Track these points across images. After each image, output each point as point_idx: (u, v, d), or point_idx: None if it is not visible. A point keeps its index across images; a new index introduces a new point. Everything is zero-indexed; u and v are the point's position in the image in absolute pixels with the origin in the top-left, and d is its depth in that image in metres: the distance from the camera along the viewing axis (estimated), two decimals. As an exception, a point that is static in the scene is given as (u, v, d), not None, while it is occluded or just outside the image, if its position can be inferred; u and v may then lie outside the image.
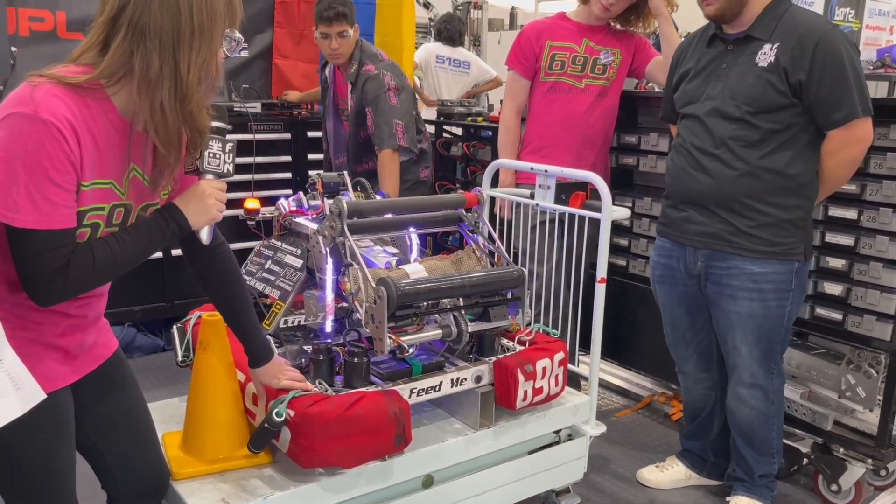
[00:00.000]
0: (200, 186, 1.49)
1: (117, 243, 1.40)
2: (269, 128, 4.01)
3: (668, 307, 2.62)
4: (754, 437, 2.48)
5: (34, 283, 1.32)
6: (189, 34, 1.35)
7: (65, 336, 1.48)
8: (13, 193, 1.25)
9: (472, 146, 3.95)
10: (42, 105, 1.26)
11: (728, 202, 2.32)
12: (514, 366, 2.05)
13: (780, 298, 2.33)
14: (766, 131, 2.25)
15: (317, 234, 2.08)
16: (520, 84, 3.13)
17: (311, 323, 2.14)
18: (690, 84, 2.44)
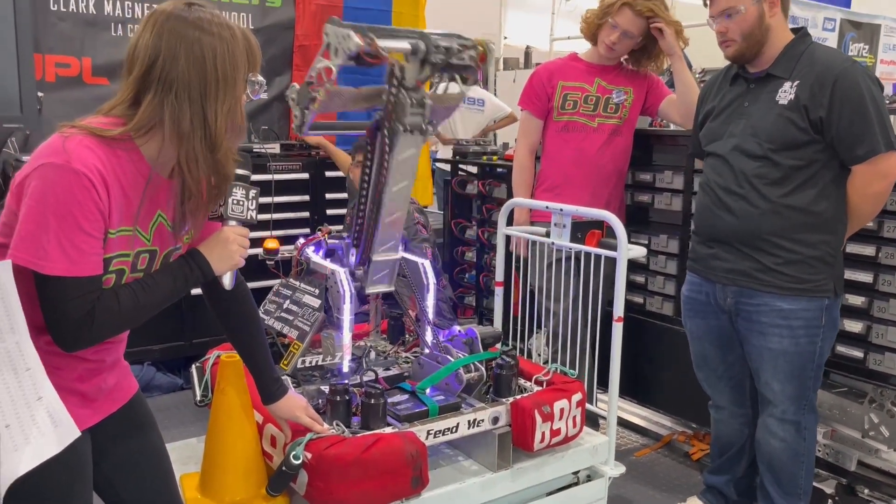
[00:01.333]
0: (224, 233, 1.53)
1: (142, 289, 1.42)
2: (287, 168, 4.07)
3: (698, 341, 2.61)
4: (781, 473, 2.44)
5: (61, 328, 1.34)
6: (215, 85, 1.40)
7: (82, 380, 1.49)
8: (43, 242, 1.28)
9: (488, 184, 3.98)
10: (74, 155, 1.31)
11: (753, 240, 2.32)
12: (532, 407, 2.04)
13: (810, 335, 2.31)
14: (789, 168, 2.25)
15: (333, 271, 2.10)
16: (533, 123, 3.16)
17: (328, 363, 2.15)
18: (714, 122, 2.46)
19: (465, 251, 4.23)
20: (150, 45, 1.38)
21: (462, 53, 1.87)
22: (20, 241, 1.29)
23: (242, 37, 1.47)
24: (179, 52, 1.38)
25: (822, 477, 2.74)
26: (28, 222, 1.29)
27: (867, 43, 7.32)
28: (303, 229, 4.06)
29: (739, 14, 2.28)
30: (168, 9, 1.41)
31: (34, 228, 1.28)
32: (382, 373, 2.22)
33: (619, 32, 2.95)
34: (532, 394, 2.15)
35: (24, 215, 1.29)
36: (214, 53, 1.40)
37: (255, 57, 1.49)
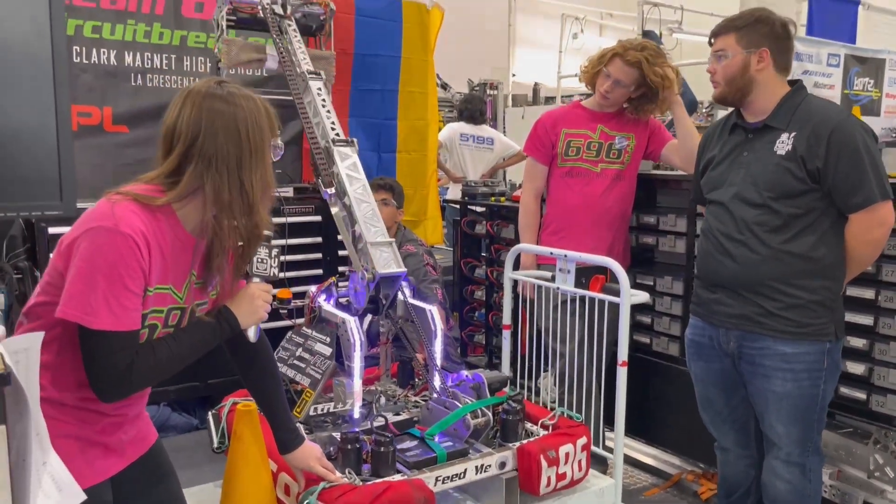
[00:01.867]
0: (250, 289, 1.64)
1: (176, 343, 1.53)
2: (300, 210, 4.17)
3: (703, 384, 2.64)
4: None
5: (103, 380, 1.44)
6: (248, 155, 1.53)
7: (105, 433, 1.58)
8: (91, 299, 1.39)
9: (496, 225, 4.06)
10: (121, 220, 1.42)
11: (754, 285, 2.37)
12: (537, 452, 2.09)
13: (812, 378, 2.35)
14: (788, 216, 2.31)
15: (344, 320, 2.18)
16: (538, 169, 3.25)
17: (339, 410, 2.22)
18: (715, 171, 2.52)
19: (474, 290, 4.29)
20: (192, 122, 1.50)
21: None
22: (69, 298, 1.41)
23: (263, 106, 1.59)
24: (218, 128, 1.50)
25: (830, 518, 2.76)
26: (78, 281, 1.40)
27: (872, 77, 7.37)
28: (315, 270, 4.15)
29: (727, 59, 2.37)
30: (203, 89, 1.54)
31: (83, 287, 1.39)
32: (392, 418, 2.28)
33: (611, 81, 3.07)
34: (538, 438, 2.20)
35: (74, 275, 1.41)
36: (247, 126, 1.52)
37: (274, 123, 1.61)
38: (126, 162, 4.05)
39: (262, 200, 1.56)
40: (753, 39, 2.35)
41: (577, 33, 8.15)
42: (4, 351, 1.07)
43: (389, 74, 4.75)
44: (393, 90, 4.77)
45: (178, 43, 4.18)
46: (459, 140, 6.10)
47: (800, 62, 5.25)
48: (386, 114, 4.84)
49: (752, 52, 2.35)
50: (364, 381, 2.22)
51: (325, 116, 2.68)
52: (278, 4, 3.30)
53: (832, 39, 7.02)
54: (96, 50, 3.96)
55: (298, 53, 3.05)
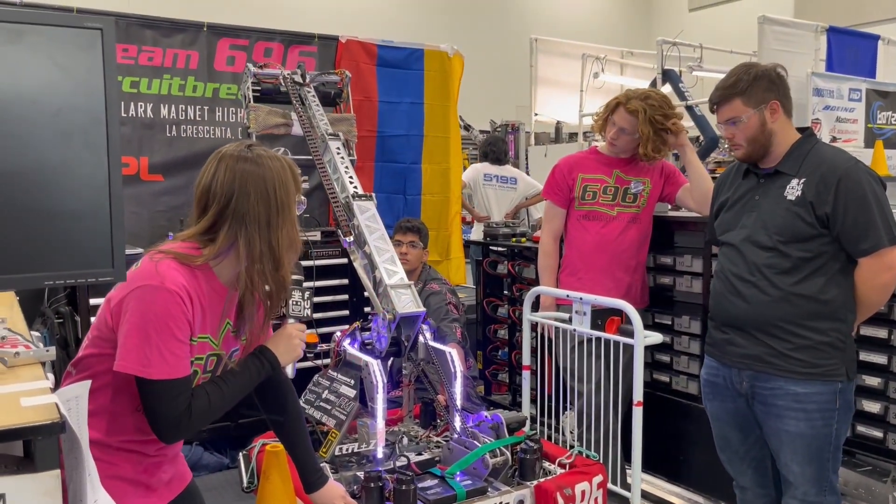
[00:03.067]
0: (287, 330, 1.78)
1: (225, 384, 1.66)
2: (327, 254, 4.30)
3: (718, 423, 2.67)
4: None
5: (164, 423, 1.57)
6: (276, 213, 1.66)
7: (145, 472, 1.70)
8: (147, 352, 1.53)
9: (517, 265, 4.16)
10: (167, 278, 1.56)
11: (765, 326, 2.41)
12: (554, 489, 2.16)
13: (825, 418, 2.37)
14: (798, 259, 2.37)
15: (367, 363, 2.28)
16: (556, 212, 3.36)
17: (363, 450, 2.31)
18: (727, 214, 2.59)
19: (497, 329, 4.38)
20: (226, 184, 1.65)
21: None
22: (126, 352, 1.54)
23: (288, 165, 1.73)
24: (249, 189, 1.64)
25: (851, 556, 2.77)
26: (132, 337, 1.54)
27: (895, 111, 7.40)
28: (342, 311, 4.27)
29: (742, 123, 2.44)
30: (235, 152, 1.68)
31: (138, 342, 1.53)
32: (414, 458, 2.36)
33: (616, 129, 3.20)
34: (555, 476, 2.27)
35: (128, 331, 1.54)
36: (275, 186, 1.66)
37: (298, 181, 1.75)
38: (161, 209, 4.25)
39: (287, 254, 1.69)
40: (760, 97, 2.42)
41: (597, 72, 8.27)
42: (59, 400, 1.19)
43: (413, 120, 4.92)
44: (418, 135, 4.94)
45: (210, 95, 4.39)
46: (483, 180, 6.24)
47: (821, 97, 5.31)
48: (411, 158, 5.01)
49: (763, 108, 2.42)
50: (387, 422, 2.32)
51: (344, 172, 2.83)
52: (297, 74, 3.52)
53: (852, 74, 7.08)
54: (134, 103, 4.18)
55: (317, 117, 3.26)
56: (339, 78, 3.98)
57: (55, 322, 3.57)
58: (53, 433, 1.09)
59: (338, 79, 3.97)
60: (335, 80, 3.96)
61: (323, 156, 3.01)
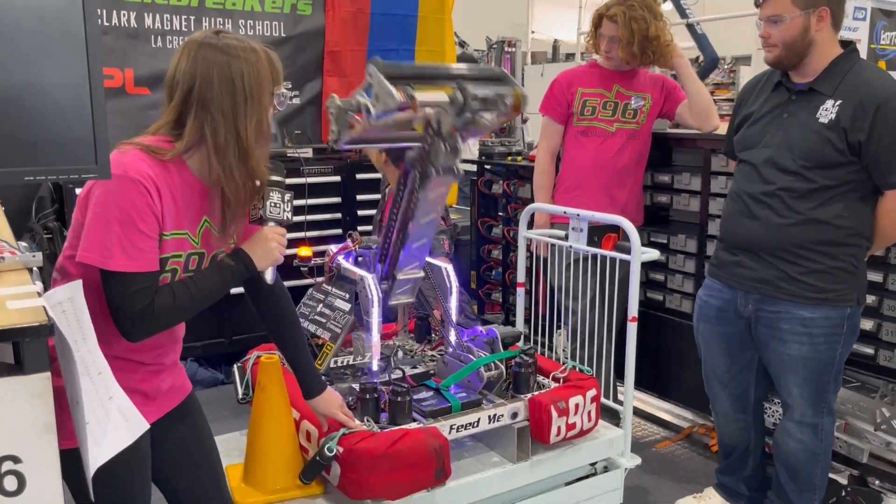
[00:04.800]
0: (264, 232, 1.70)
1: (194, 283, 1.61)
2: (319, 171, 4.23)
3: (709, 346, 2.66)
4: (798, 472, 2.51)
5: (125, 319, 1.53)
6: (243, 102, 1.58)
7: (144, 381, 1.68)
8: (107, 242, 1.48)
9: (513, 184, 4.11)
10: (130, 167, 1.50)
11: (778, 250, 2.35)
12: (548, 403, 2.18)
13: (830, 342, 2.35)
14: (820, 186, 2.27)
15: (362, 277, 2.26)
16: (553, 128, 3.28)
17: (359, 362, 2.31)
18: (751, 129, 2.45)
19: (491, 249, 4.36)
20: (188, 71, 1.57)
21: (497, 104, 1.93)
22: (88, 243, 1.49)
23: (266, 56, 1.64)
24: (213, 76, 1.56)
25: (836, 469, 2.83)
26: (93, 227, 1.49)
27: (900, 31, 7.23)
28: (335, 230, 4.23)
29: (784, 22, 2.26)
30: (199, 38, 1.59)
31: (99, 232, 1.48)
32: (409, 371, 2.38)
33: (606, 40, 3.13)
34: (549, 390, 2.29)
35: (90, 221, 1.50)
36: (242, 73, 1.57)
37: (278, 73, 1.66)
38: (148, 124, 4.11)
39: (258, 146, 1.60)
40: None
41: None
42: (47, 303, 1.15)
43: (406, 34, 4.76)
44: (409, 49, 4.79)
45: (196, 4, 4.21)
46: None
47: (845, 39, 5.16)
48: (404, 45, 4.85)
49: (811, 13, 2.24)
50: (382, 336, 2.31)
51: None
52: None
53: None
54: (116, 11, 4.00)
55: None
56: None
57: (44, 237, 3.53)
58: (41, 335, 1.06)
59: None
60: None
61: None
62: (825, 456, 2.52)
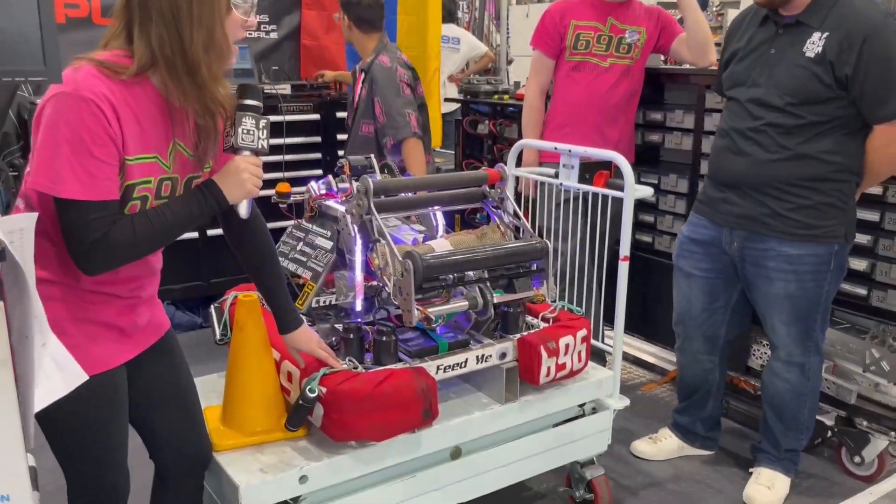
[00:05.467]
0: (235, 162, 1.55)
1: (157, 215, 1.48)
2: (298, 109, 4.08)
3: (688, 283, 2.64)
4: (784, 412, 2.51)
5: (78, 251, 1.41)
6: (187, 6, 1.41)
7: (120, 316, 1.58)
8: (56, 166, 1.35)
9: (499, 124, 3.99)
10: (83, 84, 1.36)
11: (765, 186, 2.32)
12: (538, 343, 2.11)
13: (816, 279, 2.34)
14: (809, 121, 2.23)
15: (345, 213, 2.15)
16: (544, 63, 3.15)
17: (341, 302, 2.23)
18: (738, 66, 2.41)
19: (476, 191, 4.25)
20: None
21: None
22: (37, 168, 1.37)
23: None
24: None
25: (823, 410, 2.82)
26: (43, 150, 1.36)
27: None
28: (314, 170, 4.10)
29: None
30: None
31: (49, 155, 1.35)
32: (394, 311, 2.29)
33: None
34: (538, 330, 2.22)
35: (40, 143, 1.37)
36: None
37: None
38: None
39: (210, 60, 1.45)
40: None
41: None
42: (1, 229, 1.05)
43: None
44: None
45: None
46: None
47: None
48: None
49: None
50: (365, 276, 2.22)
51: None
52: None
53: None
54: (81, -65, 3.77)
55: None
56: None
57: (9, 175, 3.37)
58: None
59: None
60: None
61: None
62: (812, 396, 2.52)
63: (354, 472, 1.91)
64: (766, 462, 2.60)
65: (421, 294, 1.97)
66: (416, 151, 3.26)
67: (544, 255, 2.16)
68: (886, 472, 2.69)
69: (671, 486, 2.67)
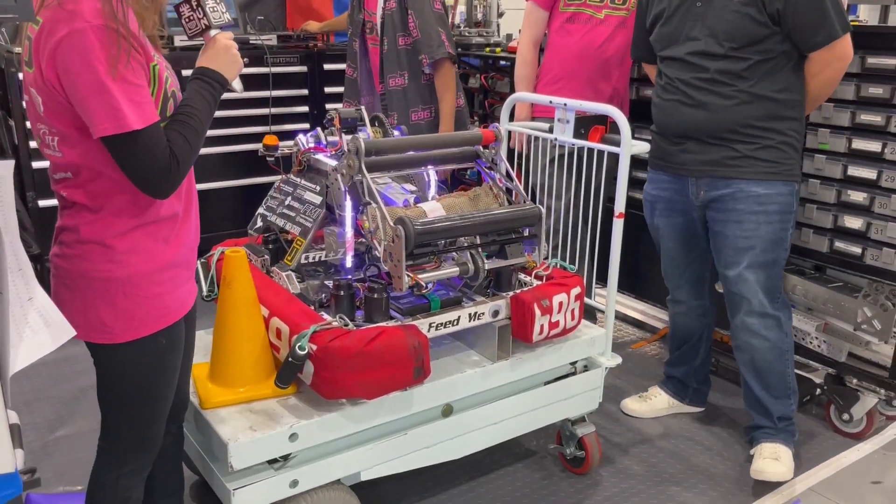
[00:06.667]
0: (219, 41, 1.55)
1: (190, 118, 1.47)
2: (285, 61, 3.97)
3: (664, 238, 2.68)
4: (770, 375, 2.46)
5: (154, 177, 1.40)
6: None
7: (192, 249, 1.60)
8: (114, 105, 1.32)
9: (490, 78, 3.90)
10: (88, 13, 1.31)
11: (725, 132, 2.36)
12: (531, 301, 2.08)
13: (783, 221, 2.39)
14: (754, 62, 2.29)
15: (335, 171, 2.09)
16: (538, 15, 3.06)
17: (331, 258, 2.18)
18: (667, 26, 2.43)
19: (466, 147, 4.18)
20: None
21: None
22: (95, 115, 1.33)
23: None
24: None
25: (812, 368, 2.83)
26: (90, 97, 1.32)
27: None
28: (302, 124, 4.02)
29: None
30: None
31: (99, 99, 1.32)
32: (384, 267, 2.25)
33: None
34: (532, 288, 2.19)
35: (82, 94, 1.32)
36: None
37: None
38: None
39: None
40: None
41: None
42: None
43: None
44: None
45: None
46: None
47: None
48: None
49: None
50: (355, 233, 2.17)
51: None
52: None
53: None
54: None
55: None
56: None
57: (-13, 126, 3.27)
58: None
59: None
60: None
61: None
62: (790, 352, 2.50)
63: (345, 430, 1.89)
64: (765, 437, 2.49)
65: (412, 260, 1.93)
66: (449, 74, 3.23)
67: (538, 221, 2.12)
68: (875, 430, 2.71)
69: (661, 443, 2.68)
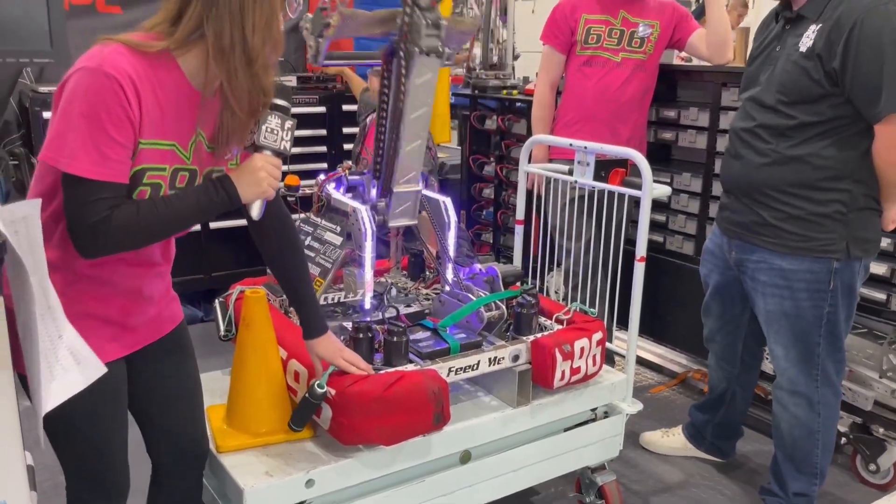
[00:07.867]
0: (254, 160, 1.49)
1: (164, 204, 1.42)
2: (304, 101, 4.02)
3: (707, 291, 2.60)
4: (795, 451, 2.34)
5: (78, 230, 1.36)
6: (252, 1, 1.38)
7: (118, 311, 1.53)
8: (70, 140, 1.30)
9: (507, 119, 3.92)
10: (107, 60, 1.32)
11: (754, 192, 2.21)
12: (552, 346, 2.05)
13: (814, 299, 2.16)
14: (800, 122, 2.08)
15: (355, 209, 2.09)
16: (555, 59, 3.09)
17: (350, 300, 2.16)
18: (751, 66, 2.31)
19: (482, 188, 4.19)
20: None
21: None
22: (50, 140, 1.33)
23: None
24: None
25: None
26: (59, 122, 1.32)
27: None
28: (320, 164, 4.04)
29: None
30: None
31: (63, 128, 1.31)
32: (404, 310, 2.23)
33: None
34: (553, 332, 2.16)
35: (57, 117, 1.33)
36: None
37: None
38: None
39: (266, 50, 1.42)
40: None
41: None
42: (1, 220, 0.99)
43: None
44: None
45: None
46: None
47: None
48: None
49: None
50: (374, 272, 2.15)
51: None
52: None
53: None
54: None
55: None
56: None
57: (10, 164, 3.30)
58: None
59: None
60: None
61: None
62: (826, 435, 2.31)
63: (362, 477, 1.85)
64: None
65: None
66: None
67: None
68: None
69: (682, 491, 2.62)
